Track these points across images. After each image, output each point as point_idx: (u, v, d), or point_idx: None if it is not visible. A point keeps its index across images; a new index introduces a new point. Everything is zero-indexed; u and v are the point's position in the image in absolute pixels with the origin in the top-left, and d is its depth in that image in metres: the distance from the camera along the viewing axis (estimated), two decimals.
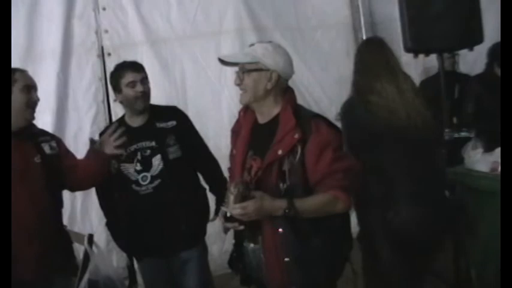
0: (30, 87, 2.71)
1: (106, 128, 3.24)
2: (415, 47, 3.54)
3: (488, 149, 3.16)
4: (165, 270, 3.15)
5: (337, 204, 2.13)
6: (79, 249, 3.80)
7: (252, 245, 2.33)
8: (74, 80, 4.68)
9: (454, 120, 3.70)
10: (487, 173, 3.14)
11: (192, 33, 4.84)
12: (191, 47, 4.75)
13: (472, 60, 4.55)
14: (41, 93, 4.50)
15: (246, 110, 2.43)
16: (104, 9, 4.71)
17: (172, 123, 3.05)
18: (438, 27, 3.39)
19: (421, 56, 3.79)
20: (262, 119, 2.36)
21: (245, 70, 2.27)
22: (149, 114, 3.06)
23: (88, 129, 4.66)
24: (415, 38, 3.48)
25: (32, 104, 2.70)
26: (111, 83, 3.11)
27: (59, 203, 2.89)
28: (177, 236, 3.00)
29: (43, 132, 2.89)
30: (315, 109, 5.14)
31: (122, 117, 3.16)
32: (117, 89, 3.05)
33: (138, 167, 2.99)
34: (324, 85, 5.29)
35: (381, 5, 5.34)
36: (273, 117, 2.30)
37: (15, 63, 4.50)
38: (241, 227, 2.19)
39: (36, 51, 4.56)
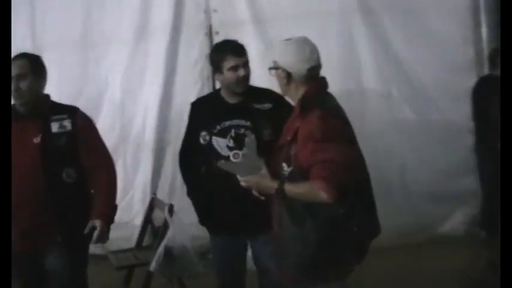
0: (14, 77, 2.79)
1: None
2: None
3: None
4: (238, 248, 3.12)
5: (319, 194, 2.17)
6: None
7: None
8: (182, 56, 4.94)
9: None
10: None
11: (297, 13, 4.83)
12: (296, 27, 4.72)
13: None
14: (151, 66, 4.96)
15: None
16: None
17: (268, 105, 3.02)
18: None
19: None
20: None
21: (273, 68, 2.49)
22: (246, 93, 3.03)
23: None
24: None
25: (13, 93, 2.79)
26: (212, 62, 3.10)
27: (61, 180, 2.85)
28: (259, 218, 2.74)
29: (61, 110, 2.95)
30: (423, 96, 5.00)
31: (218, 91, 3.17)
32: (217, 70, 3.03)
33: (231, 144, 2.97)
34: (436, 72, 5.02)
35: None
36: None
37: (128, 39, 4.94)
38: (262, 198, 2.49)
39: (149, 28, 4.86)
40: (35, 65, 2.90)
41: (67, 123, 2.89)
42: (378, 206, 4.52)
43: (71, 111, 2.95)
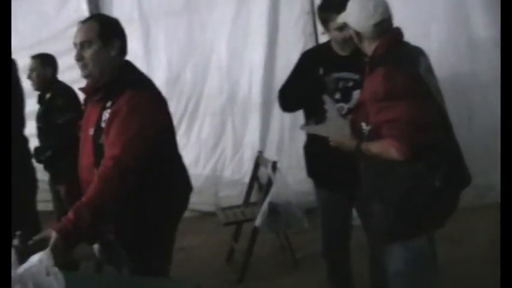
0: (76, 44, 2.37)
1: None
2: None
3: None
4: (343, 203, 3.09)
5: (391, 152, 2.17)
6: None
7: None
8: (284, 14, 4.94)
9: None
10: None
11: None
12: None
13: None
14: (254, 27, 5.04)
15: None
16: None
17: None
18: None
19: None
20: None
21: None
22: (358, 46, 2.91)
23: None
24: None
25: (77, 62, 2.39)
26: (319, 18, 3.01)
27: None
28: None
29: (117, 91, 2.35)
30: None
31: (328, 42, 3.06)
32: (325, 27, 2.97)
33: (338, 96, 2.90)
34: None
35: None
36: None
37: (231, 1, 5.05)
38: None
39: None
40: (105, 30, 2.37)
41: (108, 112, 2.33)
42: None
43: (118, 94, 2.32)
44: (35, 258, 1.46)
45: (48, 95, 4.03)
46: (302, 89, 2.94)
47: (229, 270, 4.10)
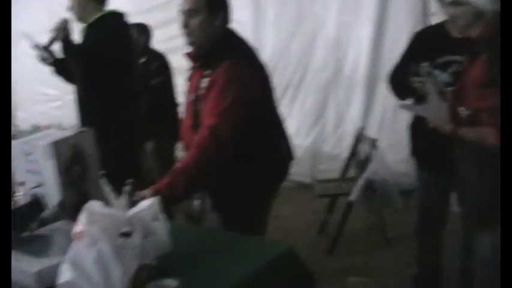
0: (182, 11, 2.39)
1: None
2: None
3: None
4: (442, 187, 3.04)
5: (489, 140, 2.13)
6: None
7: None
8: None
9: None
10: None
11: None
12: None
13: None
14: (365, 2, 5.00)
15: None
16: None
17: None
18: None
19: None
20: None
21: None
22: None
23: (404, 41, 4.81)
24: None
25: (183, 29, 2.40)
26: None
27: None
28: None
29: (213, 62, 2.35)
30: None
31: (443, 23, 2.93)
32: (441, 2, 2.82)
33: (448, 79, 2.81)
34: None
35: None
36: None
37: None
38: None
39: None
40: (212, 0, 2.39)
41: (205, 82, 2.35)
42: None
43: (217, 63, 2.33)
44: (145, 204, 1.60)
45: (142, 60, 4.47)
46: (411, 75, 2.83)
47: (321, 242, 4.17)
